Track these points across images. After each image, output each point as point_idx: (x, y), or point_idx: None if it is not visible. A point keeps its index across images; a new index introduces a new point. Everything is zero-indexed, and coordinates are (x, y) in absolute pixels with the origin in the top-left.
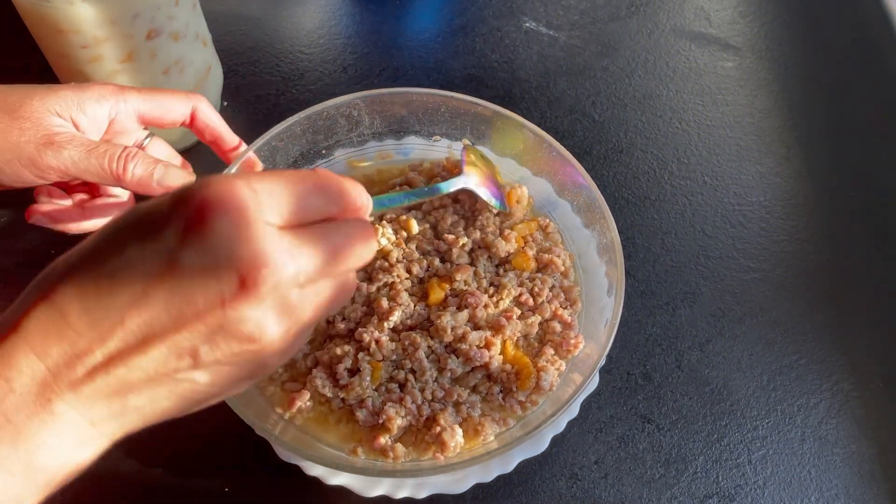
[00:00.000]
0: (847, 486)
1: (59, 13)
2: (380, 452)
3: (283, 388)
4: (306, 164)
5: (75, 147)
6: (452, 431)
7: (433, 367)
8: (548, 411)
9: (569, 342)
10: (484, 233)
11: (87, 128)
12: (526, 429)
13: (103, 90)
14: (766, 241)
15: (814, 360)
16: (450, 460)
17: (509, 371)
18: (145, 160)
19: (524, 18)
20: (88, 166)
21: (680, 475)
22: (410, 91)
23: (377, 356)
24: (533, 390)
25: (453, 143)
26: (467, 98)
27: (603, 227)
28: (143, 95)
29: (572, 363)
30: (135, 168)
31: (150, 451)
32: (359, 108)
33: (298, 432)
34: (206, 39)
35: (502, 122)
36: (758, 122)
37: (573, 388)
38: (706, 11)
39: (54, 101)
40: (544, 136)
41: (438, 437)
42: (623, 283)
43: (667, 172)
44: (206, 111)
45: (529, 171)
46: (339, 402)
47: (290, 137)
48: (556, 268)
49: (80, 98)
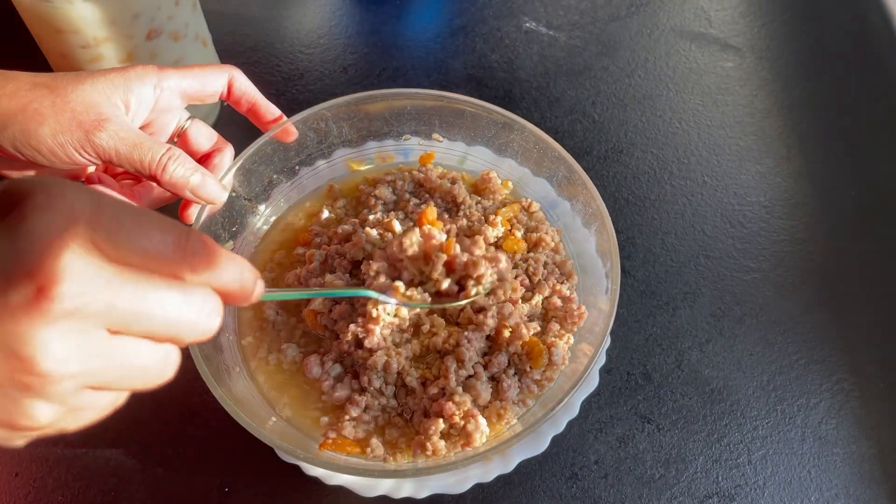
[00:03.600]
0: (847, 486)
1: (59, 13)
2: (418, 446)
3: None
4: (305, 166)
5: (122, 138)
6: (477, 422)
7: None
8: (565, 386)
9: (573, 314)
10: (470, 221)
11: (135, 109)
12: (546, 406)
13: (145, 70)
14: (766, 241)
15: (814, 360)
16: (449, 459)
17: (520, 352)
18: (185, 165)
19: (524, 18)
20: (131, 160)
21: (680, 475)
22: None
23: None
24: (546, 367)
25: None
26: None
27: (587, 198)
28: (182, 72)
29: (579, 335)
30: (174, 171)
31: (150, 450)
32: (326, 120)
33: (299, 433)
34: (206, 39)
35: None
36: (758, 122)
37: (585, 360)
38: (706, 11)
39: (103, 83)
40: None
41: (463, 430)
42: (617, 253)
43: (667, 172)
44: (242, 81)
45: (529, 171)
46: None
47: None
48: (546, 245)
49: (126, 79)
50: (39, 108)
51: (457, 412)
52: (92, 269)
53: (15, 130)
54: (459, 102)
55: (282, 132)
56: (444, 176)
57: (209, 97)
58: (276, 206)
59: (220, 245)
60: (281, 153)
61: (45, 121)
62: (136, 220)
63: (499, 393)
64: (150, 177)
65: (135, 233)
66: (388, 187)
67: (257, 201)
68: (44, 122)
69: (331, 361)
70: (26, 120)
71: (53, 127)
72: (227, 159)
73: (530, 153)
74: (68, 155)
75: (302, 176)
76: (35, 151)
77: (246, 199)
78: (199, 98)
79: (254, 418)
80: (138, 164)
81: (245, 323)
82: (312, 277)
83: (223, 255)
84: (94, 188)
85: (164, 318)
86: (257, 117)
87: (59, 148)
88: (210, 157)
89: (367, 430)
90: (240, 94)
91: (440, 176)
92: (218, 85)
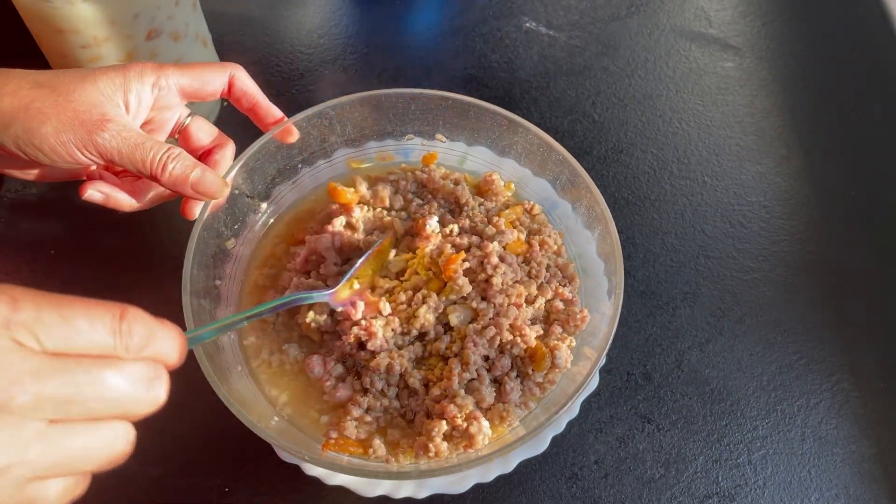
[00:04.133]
0: (847, 486)
1: (59, 13)
2: (421, 448)
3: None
4: (307, 166)
5: (124, 138)
6: (479, 424)
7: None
8: (567, 388)
9: (575, 318)
10: (473, 222)
11: (135, 107)
12: (549, 410)
13: (143, 68)
14: (766, 241)
15: (814, 360)
16: (452, 461)
17: (523, 355)
18: (184, 162)
19: (524, 18)
20: (133, 160)
21: (680, 475)
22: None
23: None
24: (549, 370)
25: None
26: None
27: (590, 202)
28: (182, 70)
29: (581, 338)
30: (173, 168)
31: (150, 450)
32: (329, 118)
33: (301, 434)
34: (206, 39)
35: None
36: (758, 122)
37: (588, 363)
38: (706, 11)
39: (104, 82)
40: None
41: (466, 432)
42: (621, 259)
43: (667, 172)
44: (244, 79)
45: (530, 171)
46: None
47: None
48: (548, 248)
49: (125, 77)
50: (42, 107)
51: (458, 414)
52: (14, 365)
53: (17, 129)
54: (465, 104)
55: (283, 132)
56: (447, 177)
57: (209, 95)
58: (278, 205)
59: (225, 238)
60: (284, 151)
61: (48, 119)
62: (59, 312)
63: (501, 395)
64: (150, 177)
65: (57, 326)
66: (391, 187)
67: (259, 199)
68: (46, 120)
69: (333, 361)
70: (29, 119)
71: (56, 126)
72: (228, 155)
73: (533, 155)
74: (70, 154)
75: (303, 175)
76: (37, 150)
77: (248, 197)
78: (199, 96)
79: (257, 418)
80: (139, 164)
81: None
82: (297, 275)
83: (159, 325)
84: (7, 287)
85: (101, 399)
86: (258, 117)
87: (61, 147)
88: (211, 153)
89: (369, 431)
90: (241, 92)
91: (443, 177)
92: (218, 83)
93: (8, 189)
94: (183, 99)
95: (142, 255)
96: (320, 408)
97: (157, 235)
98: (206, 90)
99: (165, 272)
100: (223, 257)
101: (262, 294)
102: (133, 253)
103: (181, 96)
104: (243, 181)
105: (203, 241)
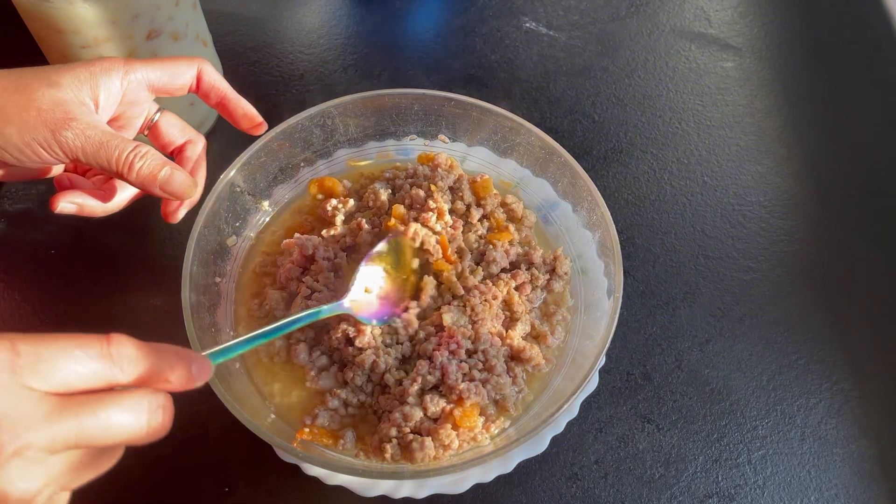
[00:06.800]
0: (847, 486)
1: (59, 13)
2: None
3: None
4: (307, 165)
5: (88, 137)
6: (422, 443)
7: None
8: (567, 389)
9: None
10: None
11: (103, 103)
12: (549, 410)
13: (111, 63)
14: (766, 241)
15: (814, 360)
16: (450, 461)
17: (507, 355)
18: (152, 161)
19: (524, 18)
20: (98, 158)
21: (680, 475)
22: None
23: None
24: (534, 367)
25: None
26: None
27: (591, 205)
28: (150, 65)
29: (581, 338)
30: (140, 167)
31: (150, 450)
32: (332, 117)
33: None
34: (206, 39)
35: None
36: (758, 122)
37: (587, 363)
38: (706, 11)
39: (69, 79)
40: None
41: (408, 444)
42: (620, 263)
43: (667, 172)
44: (211, 74)
45: (530, 171)
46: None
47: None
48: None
49: (91, 73)
50: (4, 107)
51: (404, 423)
52: (28, 413)
53: None
54: (468, 105)
55: (254, 126)
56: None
57: (178, 90)
58: (279, 204)
59: (226, 235)
60: (286, 150)
61: (11, 120)
62: (56, 344)
63: (496, 397)
64: (117, 175)
65: (59, 357)
66: (386, 186)
67: (261, 197)
68: (9, 121)
69: (318, 352)
70: None
71: (19, 126)
72: (198, 150)
73: (535, 157)
74: (36, 153)
75: (304, 174)
76: (2, 150)
77: (250, 195)
78: (168, 91)
79: (253, 415)
80: (105, 162)
81: (241, 318)
82: (293, 275)
83: (150, 349)
84: (3, 335)
85: (107, 434)
86: (227, 111)
87: (25, 147)
88: (182, 149)
89: (342, 423)
90: (209, 87)
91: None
92: (187, 77)
93: (8, 189)
94: (152, 94)
95: (142, 255)
96: (302, 396)
97: (157, 235)
98: (174, 84)
99: (165, 272)
100: (223, 255)
101: (262, 294)
102: (133, 253)
103: (150, 91)
104: (244, 180)
105: (204, 237)
